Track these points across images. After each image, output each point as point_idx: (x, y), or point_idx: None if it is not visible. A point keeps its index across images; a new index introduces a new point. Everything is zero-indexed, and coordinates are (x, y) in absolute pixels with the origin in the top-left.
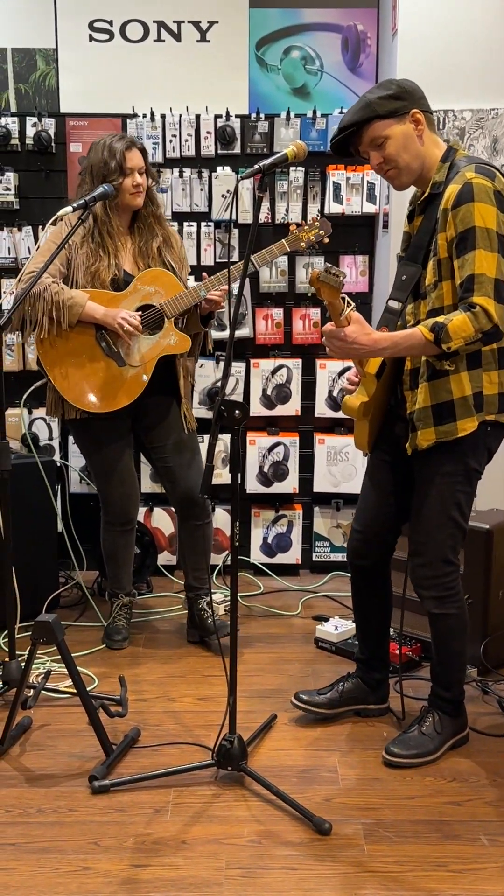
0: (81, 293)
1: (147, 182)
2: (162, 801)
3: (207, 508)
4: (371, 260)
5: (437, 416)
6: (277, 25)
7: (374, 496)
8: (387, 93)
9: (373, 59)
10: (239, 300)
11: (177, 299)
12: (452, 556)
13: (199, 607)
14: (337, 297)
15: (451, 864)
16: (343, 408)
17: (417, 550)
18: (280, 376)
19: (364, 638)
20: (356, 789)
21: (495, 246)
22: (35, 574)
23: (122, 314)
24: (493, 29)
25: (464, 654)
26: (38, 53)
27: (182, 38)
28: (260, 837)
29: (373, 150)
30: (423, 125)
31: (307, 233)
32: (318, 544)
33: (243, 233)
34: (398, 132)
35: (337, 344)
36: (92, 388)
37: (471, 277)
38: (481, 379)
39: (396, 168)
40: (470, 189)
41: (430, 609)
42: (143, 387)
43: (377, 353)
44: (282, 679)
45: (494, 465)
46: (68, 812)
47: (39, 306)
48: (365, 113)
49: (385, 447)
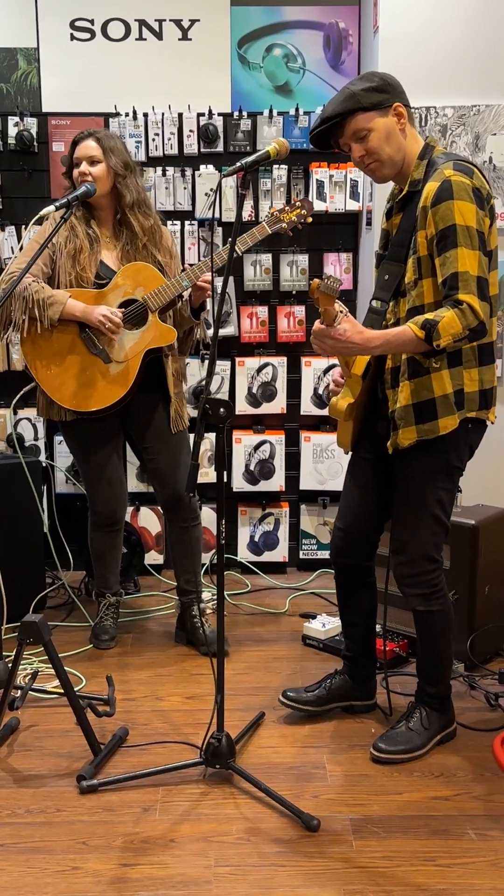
0: (62, 292)
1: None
2: (150, 800)
3: (196, 509)
4: (355, 257)
5: (418, 414)
6: (259, 23)
7: (356, 494)
8: (370, 84)
9: (355, 57)
10: (223, 298)
11: (159, 291)
12: (435, 554)
13: (191, 614)
14: (333, 303)
15: (440, 858)
16: (329, 409)
17: (400, 548)
18: (265, 374)
19: (350, 635)
20: (344, 786)
21: (476, 243)
22: (21, 574)
23: (103, 310)
24: (473, 26)
25: (449, 651)
26: (19, 53)
27: (164, 37)
28: (248, 835)
29: (355, 142)
30: (405, 119)
31: (288, 213)
32: (304, 542)
33: (227, 231)
34: (381, 125)
35: (329, 343)
36: (79, 387)
37: (455, 275)
38: (462, 377)
39: (379, 161)
40: (449, 186)
41: (415, 606)
42: (130, 382)
43: (369, 351)
44: (270, 677)
45: (479, 461)
46: (56, 812)
47: (19, 305)
48: (348, 104)
49: (367, 445)
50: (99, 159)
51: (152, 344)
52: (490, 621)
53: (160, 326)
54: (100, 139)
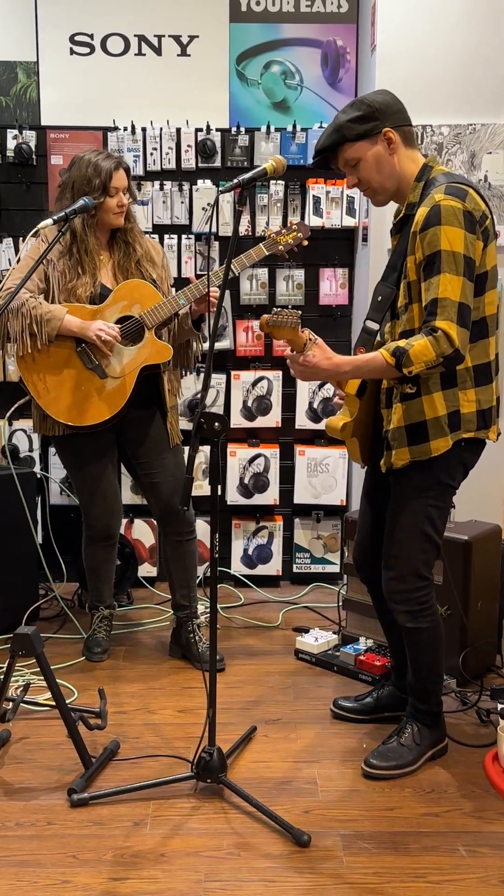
0: (59, 307)
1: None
2: (141, 813)
3: (191, 522)
4: (351, 273)
5: (410, 436)
6: (257, 40)
7: (368, 508)
8: (357, 114)
9: (352, 74)
10: (219, 312)
11: (156, 309)
12: (425, 571)
13: (187, 630)
14: (295, 334)
15: (430, 875)
16: (327, 429)
17: (390, 564)
18: (260, 388)
19: (391, 646)
20: (335, 801)
21: (461, 269)
22: (14, 586)
23: (99, 325)
24: (470, 45)
25: (438, 667)
26: (19, 66)
27: (163, 52)
28: (239, 850)
29: (347, 170)
30: (396, 143)
31: (285, 236)
32: (298, 556)
33: (224, 245)
34: (369, 155)
35: (298, 368)
36: (74, 402)
37: (434, 301)
38: (457, 398)
39: (370, 188)
40: (437, 212)
41: (403, 623)
42: (125, 398)
43: (339, 377)
44: (262, 691)
45: (474, 478)
46: (47, 825)
47: (17, 321)
48: (334, 138)
49: (375, 461)
50: (127, 189)
51: (148, 361)
52: (482, 637)
53: (156, 343)
54: (127, 169)
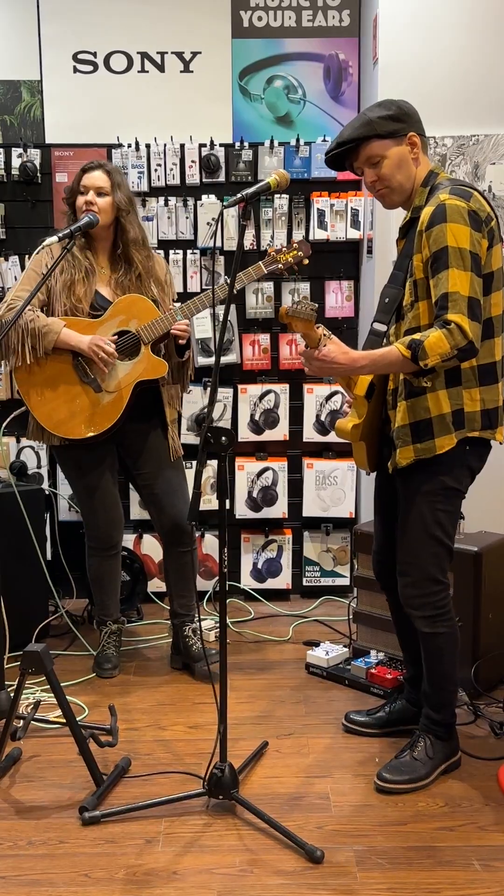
0: (57, 320)
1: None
2: (153, 831)
3: (192, 535)
4: (356, 285)
5: (415, 433)
6: (260, 55)
7: (381, 516)
8: (387, 113)
9: (355, 88)
10: (224, 326)
11: (153, 324)
12: (440, 575)
13: (184, 634)
14: (311, 328)
15: (444, 890)
16: (336, 430)
17: (404, 571)
18: (268, 401)
19: (406, 657)
20: (348, 816)
21: (468, 265)
22: (24, 603)
23: (96, 340)
24: (472, 57)
25: (454, 675)
26: (22, 85)
27: (166, 69)
28: (252, 866)
29: (368, 167)
30: (418, 148)
31: (286, 255)
32: (308, 569)
33: (229, 260)
34: (395, 153)
35: (315, 364)
36: (69, 415)
37: (445, 296)
38: (461, 397)
39: (389, 187)
40: (443, 210)
41: (421, 628)
42: (119, 412)
43: (355, 371)
44: (273, 705)
45: (482, 487)
46: (59, 844)
47: (15, 334)
48: (365, 130)
49: (384, 467)
50: (107, 192)
51: (143, 376)
52: (494, 649)
53: (152, 359)
54: (109, 172)
